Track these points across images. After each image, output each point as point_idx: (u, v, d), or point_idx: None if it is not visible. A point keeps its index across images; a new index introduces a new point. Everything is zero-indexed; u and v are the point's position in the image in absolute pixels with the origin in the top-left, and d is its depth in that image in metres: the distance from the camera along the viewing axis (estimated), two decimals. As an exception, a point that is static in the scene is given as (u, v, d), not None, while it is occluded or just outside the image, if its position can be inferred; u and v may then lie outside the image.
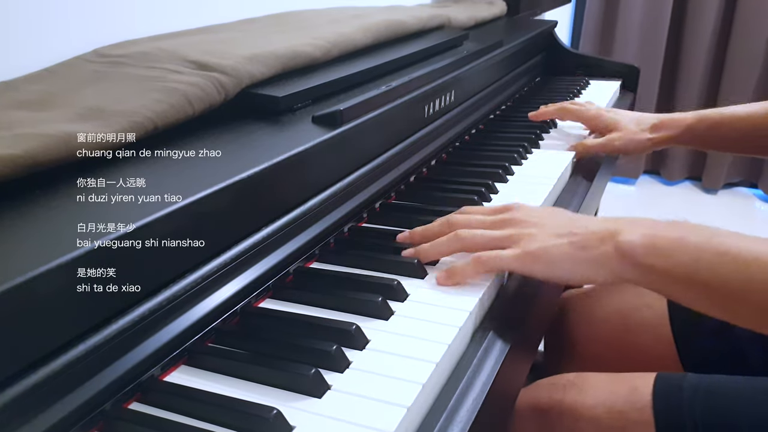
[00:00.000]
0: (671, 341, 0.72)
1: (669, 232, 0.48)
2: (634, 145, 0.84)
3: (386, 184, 0.66)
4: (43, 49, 0.58)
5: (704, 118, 0.81)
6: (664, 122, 0.84)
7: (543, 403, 0.62)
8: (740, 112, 0.80)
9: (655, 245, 0.47)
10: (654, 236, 0.47)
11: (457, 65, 0.82)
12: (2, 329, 0.31)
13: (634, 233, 0.48)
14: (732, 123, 0.80)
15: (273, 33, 0.73)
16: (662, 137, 0.83)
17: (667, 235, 0.47)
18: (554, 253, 0.49)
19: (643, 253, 0.47)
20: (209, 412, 0.37)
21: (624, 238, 0.48)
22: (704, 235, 0.46)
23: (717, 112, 0.81)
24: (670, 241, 0.47)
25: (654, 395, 0.57)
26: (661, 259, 0.47)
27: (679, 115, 0.84)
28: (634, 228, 0.48)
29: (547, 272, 0.50)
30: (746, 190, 2.48)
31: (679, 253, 0.46)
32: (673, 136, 0.83)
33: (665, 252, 0.47)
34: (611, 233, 0.49)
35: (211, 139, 0.50)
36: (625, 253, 0.48)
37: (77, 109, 0.46)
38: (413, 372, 0.40)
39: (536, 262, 0.49)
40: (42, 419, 0.32)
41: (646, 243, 0.47)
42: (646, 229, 0.48)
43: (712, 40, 2.29)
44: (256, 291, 0.48)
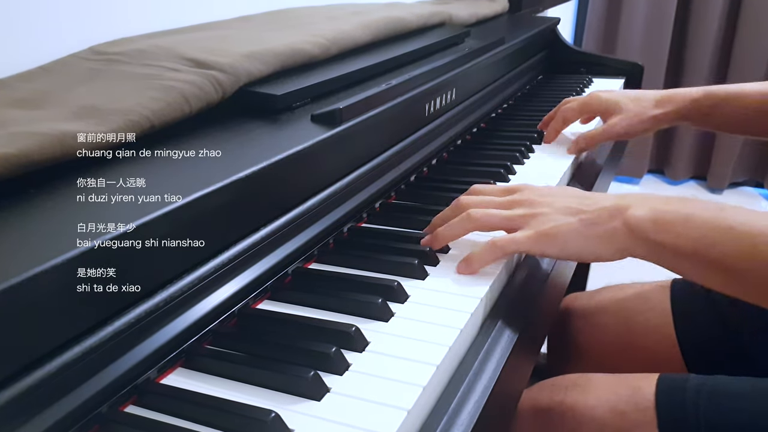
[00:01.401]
0: (675, 343, 0.72)
1: (677, 207, 0.48)
2: (637, 125, 0.80)
3: (386, 183, 0.66)
4: (38, 47, 0.58)
5: (710, 93, 0.79)
6: (668, 97, 0.81)
7: (544, 404, 0.63)
8: (748, 88, 0.77)
9: (663, 220, 0.48)
10: (663, 211, 0.48)
11: (458, 63, 0.82)
12: None
13: (643, 208, 0.49)
14: (740, 99, 0.77)
15: (271, 30, 0.73)
16: (666, 113, 0.80)
17: (675, 210, 0.48)
18: (565, 231, 0.50)
19: (652, 228, 0.48)
20: (207, 415, 0.37)
21: (633, 213, 0.49)
22: (712, 211, 0.47)
23: (725, 88, 0.79)
24: (678, 216, 0.48)
25: (657, 396, 0.57)
26: (669, 235, 0.47)
27: (683, 89, 0.80)
28: (643, 203, 0.49)
29: (560, 251, 0.51)
30: (752, 190, 2.48)
31: (687, 229, 0.47)
32: (678, 110, 0.80)
33: (673, 228, 0.47)
34: (620, 209, 0.50)
35: (209, 139, 0.50)
36: (634, 229, 0.48)
37: (72, 107, 0.46)
38: (414, 374, 0.40)
39: (549, 242, 0.50)
40: (37, 422, 0.32)
41: (655, 218, 0.48)
42: (655, 204, 0.49)
43: (718, 37, 2.30)
44: (255, 292, 0.48)
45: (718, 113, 0.79)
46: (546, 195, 0.54)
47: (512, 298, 0.53)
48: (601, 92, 0.84)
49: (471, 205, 0.55)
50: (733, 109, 0.78)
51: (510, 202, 0.54)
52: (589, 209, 0.51)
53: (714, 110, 0.79)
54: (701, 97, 0.79)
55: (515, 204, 0.54)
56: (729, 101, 0.78)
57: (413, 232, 0.59)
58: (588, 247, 0.50)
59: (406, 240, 0.58)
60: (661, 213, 0.48)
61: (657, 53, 2.34)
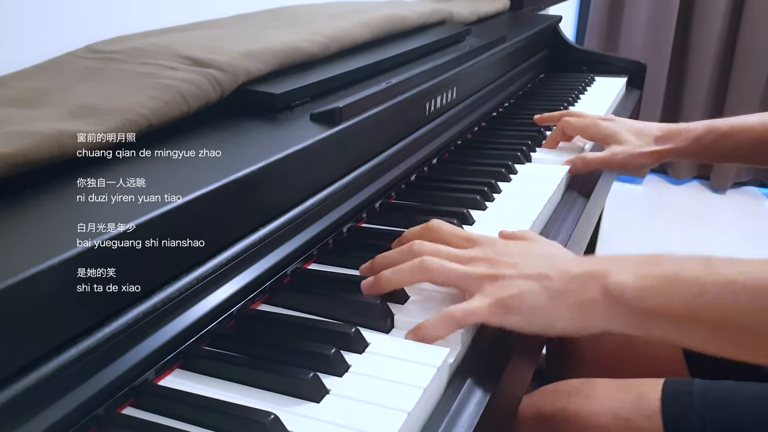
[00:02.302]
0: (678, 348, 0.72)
1: (660, 268, 0.43)
2: (637, 159, 0.79)
3: (386, 183, 0.66)
4: (34, 45, 0.58)
5: (712, 128, 0.78)
6: (670, 134, 0.80)
7: (546, 410, 0.62)
8: (750, 121, 0.77)
9: (649, 284, 0.42)
10: (646, 275, 0.43)
11: (459, 61, 0.82)
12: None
13: (624, 273, 0.43)
14: (742, 133, 0.77)
15: (270, 28, 0.73)
16: (668, 150, 0.79)
17: (659, 273, 0.43)
18: (528, 302, 0.44)
19: (638, 295, 0.42)
20: (205, 416, 0.37)
21: (614, 279, 0.43)
22: (700, 266, 0.42)
23: (725, 123, 0.78)
24: (664, 278, 0.43)
25: (663, 402, 0.57)
26: (658, 300, 0.42)
27: (685, 125, 0.80)
28: (622, 267, 0.44)
29: (523, 324, 0.45)
30: (755, 190, 2.48)
31: (678, 291, 0.42)
32: (680, 148, 0.79)
33: (662, 291, 0.42)
34: (595, 275, 0.44)
35: (208, 138, 0.50)
36: (616, 298, 0.43)
37: (70, 106, 0.46)
38: (414, 376, 0.40)
39: (510, 314, 0.45)
40: (34, 424, 0.32)
41: (639, 283, 0.43)
42: (635, 268, 0.44)
43: (721, 35, 2.30)
44: (253, 293, 0.48)
45: (719, 147, 0.79)
46: (509, 254, 0.48)
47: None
48: (601, 121, 0.83)
49: (425, 252, 0.48)
50: (734, 143, 0.78)
51: (469, 257, 0.48)
52: (556, 276, 0.45)
53: (715, 145, 0.78)
54: (703, 134, 0.79)
55: (474, 260, 0.48)
56: (732, 135, 0.78)
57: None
58: (557, 321, 0.44)
59: (407, 240, 0.58)
60: (645, 276, 0.43)
61: (660, 51, 2.34)
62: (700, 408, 0.55)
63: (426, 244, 0.49)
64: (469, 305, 0.45)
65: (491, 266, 0.47)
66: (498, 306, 0.45)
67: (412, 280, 0.48)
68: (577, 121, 0.84)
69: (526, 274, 0.45)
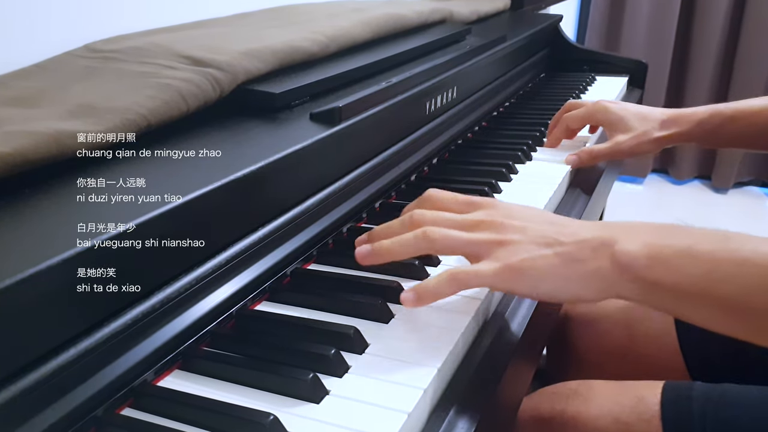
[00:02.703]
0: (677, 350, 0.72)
1: (674, 239, 0.42)
2: (643, 146, 0.79)
3: (386, 183, 0.66)
4: (33, 44, 0.58)
5: (716, 112, 0.78)
6: (674, 118, 0.80)
7: (545, 413, 0.62)
8: (755, 105, 0.77)
9: (659, 256, 0.41)
10: (657, 245, 0.42)
11: (460, 61, 0.82)
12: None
13: (634, 242, 0.42)
14: (747, 117, 0.77)
15: (269, 27, 0.73)
16: (672, 134, 0.79)
17: (672, 244, 0.42)
18: (540, 267, 0.43)
19: (647, 265, 0.41)
20: (204, 417, 0.37)
21: (622, 247, 0.42)
22: (715, 242, 0.41)
23: (730, 106, 0.78)
24: (676, 250, 0.41)
25: (662, 405, 0.57)
26: (668, 272, 0.41)
27: (689, 110, 0.80)
28: (633, 236, 0.43)
29: (531, 290, 0.44)
30: (757, 189, 2.48)
31: (689, 265, 0.40)
32: (684, 133, 0.79)
33: (672, 263, 0.41)
34: (606, 242, 0.43)
35: (207, 138, 0.50)
36: (624, 266, 0.42)
37: (68, 105, 0.46)
38: (414, 377, 0.40)
39: (519, 279, 0.43)
40: (32, 425, 0.32)
41: (650, 253, 0.41)
42: (647, 237, 0.42)
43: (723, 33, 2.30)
44: (253, 293, 0.48)
45: (724, 132, 0.78)
46: (516, 217, 0.46)
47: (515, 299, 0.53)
48: (608, 103, 0.82)
49: (427, 222, 0.46)
50: (739, 127, 0.77)
51: (473, 222, 0.46)
52: (568, 241, 0.44)
53: (720, 129, 0.78)
54: (707, 118, 0.78)
55: (480, 225, 0.46)
56: (735, 120, 0.77)
57: (414, 233, 0.59)
58: (566, 287, 0.43)
59: (407, 240, 0.58)
60: (657, 247, 0.42)
61: (661, 51, 2.34)
62: (700, 412, 0.55)
63: (427, 213, 0.47)
64: (474, 268, 0.44)
65: (498, 231, 0.45)
66: (506, 270, 0.43)
67: (415, 251, 0.46)
68: (580, 112, 0.83)
69: (537, 239, 0.44)
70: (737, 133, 0.78)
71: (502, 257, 0.44)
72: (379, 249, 0.46)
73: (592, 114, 0.83)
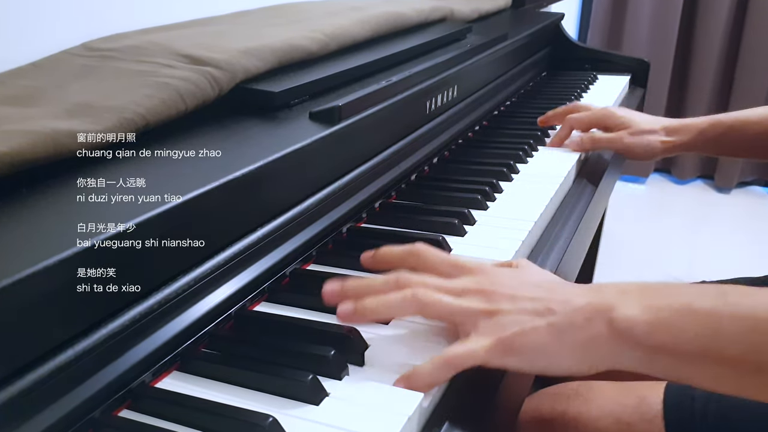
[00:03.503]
0: None
1: (670, 298, 0.40)
2: (645, 146, 0.82)
3: (386, 182, 0.66)
4: (30, 43, 0.58)
5: (717, 122, 0.81)
6: (677, 127, 0.83)
7: (546, 414, 0.62)
8: (754, 115, 0.80)
9: (659, 318, 0.39)
10: (655, 307, 0.40)
11: (460, 59, 0.82)
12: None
13: (632, 306, 0.40)
14: (745, 126, 0.80)
15: (268, 26, 0.73)
16: (674, 142, 0.82)
17: (670, 304, 0.40)
18: (532, 341, 0.41)
19: (648, 330, 0.39)
20: (202, 419, 0.37)
21: (621, 313, 0.40)
22: (712, 297, 0.40)
23: (730, 116, 0.81)
24: (676, 311, 0.40)
25: (665, 405, 0.57)
26: (670, 336, 0.39)
27: (691, 120, 0.84)
28: (629, 299, 0.41)
29: (525, 364, 0.42)
30: (761, 189, 2.48)
31: (692, 325, 0.39)
32: (686, 142, 0.82)
33: (674, 325, 0.39)
34: (600, 309, 0.41)
35: (206, 137, 0.50)
36: (624, 333, 0.40)
37: (66, 105, 0.46)
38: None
39: (512, 355, 0.41)
40: (29, 427, 0.32)
41: (650, 318, 0.40)
42: (643, 299, 0.41)
43: (725, 33, 2.30)
44: (252, 294, 0.48)
45: (724, 141, 0.81)
46: (504, 284, 0.44)
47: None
48: (615, 108, 0.86)
49: (414, 284, 0.44)
50: (738, 137, 0.80)
51: (461, 290, 0.44)
52: (559, 309, 0.42)
53: (721, 138, 0.81)
54: (707, 128, 0.81)
55: (468, 292, 0.44)
56: (735, 129, 0.80)
57: (414, 233, 0.59)
58: (561, 361, 0.41)
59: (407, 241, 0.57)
60: (655, 309, 0.40)
61: (664, 49, 2.34)
62: (702, 412, 0.55)
63: (414, 276, 0.45)
64: (466, 348, 0.41)
65: (487, 299, 0.43)
66: (499, 346, 0.41)
67: (401, 312, 0.45)
68: (585, 115, 0.86)
69: (527, 309, 0.42)
70: (736, 142, 0.81)
71: (490, 331, 0.42)
72: (363, 309, 0.44)
73: (599, 118, 0.86)
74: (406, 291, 0.43)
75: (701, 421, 0.55)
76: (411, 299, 0.43)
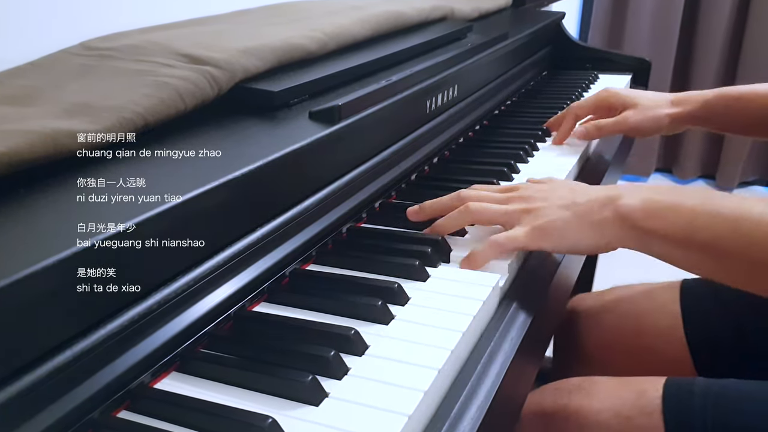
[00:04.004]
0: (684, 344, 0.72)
1: (666, 196, 0.51)
2: (650, 122, 0.81)
3: (386, 182, 0.66)
4: (28, 42, 0.58)
5: (724, 94, 0.81)
6: (682, 98, 0.83)
7: (548, 407, 0.63)
8: (762, 89, 0.79)
9: (653, 208, 0.51)
10: (652, 200, 0.51)
11: (461, 59, 0.82)
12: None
13: (634, 197, 0.51)
14: (753, 99, 0.79)
15: (268, 25, 0.73)
16: (680, 113, 0.81)
17: (663, 199, 0.51)
18: (560, 224, 0.53)
19: (642, 216, 0.51)
20: (201, 420, 0.37)
21: (624, 202, 0.51)
22: (699, 198, 0.50)
23: (737, 89, 0.81)
24: (666, 204, 0.51)
25: (664, 400, 0.57)
26: (659, 222, 0.50)
27: (696, 91, 0.83)
28: (634, 192, 0.52)
29: (555, 245, 0.54)
30: (762, 189, 2.48)
31: (676, 216, 0.50)
32: (691, 112, 0.81)
33: (663, 214, 0.50)
34: (611, 198, 0.52)
35: (206, 137, 0.50)
36: (624, 217, 0.51)
37: (64, 104, 0.46)
38: (415, 379, 0.40)
39: (545, 237, 0.53)
40: (27, 428, 0.32)
41: (645, 206, 0.51)
42: (645, 193, 0.52)
43: (728, 31, 2.30)
44: (251, 294, 0.48)
45: (731, 114, 0.80)
46: (542, 190, 0.57)
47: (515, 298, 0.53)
48: (617, 88, 0.86)
49: (470, 198, 0.57)
50: (745, 110, 0.79)
51: (508, 198, 0.57)
52: (581, 201, 0.53)
53: (727, 111, 0.80)
54: (714, 98, 0.81)
55: (512, 200, 0.56)
56: (742, 102, 0.79)
57: (414, 233, 0.59)
58: (582, 239, 0.53)
59: (407, 241, 0.58)
60: (651, 201, 0.51)
61: (665, 48, 2.34)
62: (701, 406, 0.56)
63: (472, 192, 0.59)
64: (510, 233, 0.54)
65: (527, 202, 0.56)
66: (534, 231, 0.53)
67: (461, 222, 0.57)
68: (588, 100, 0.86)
69: (558, 203, 0.54)
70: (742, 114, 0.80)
71: (529, 221, 0.54)
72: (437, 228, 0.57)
73: (602, 99, 0.85)
74: (462, 206, 0.57)
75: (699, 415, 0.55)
76: (465, 211, 0.56)
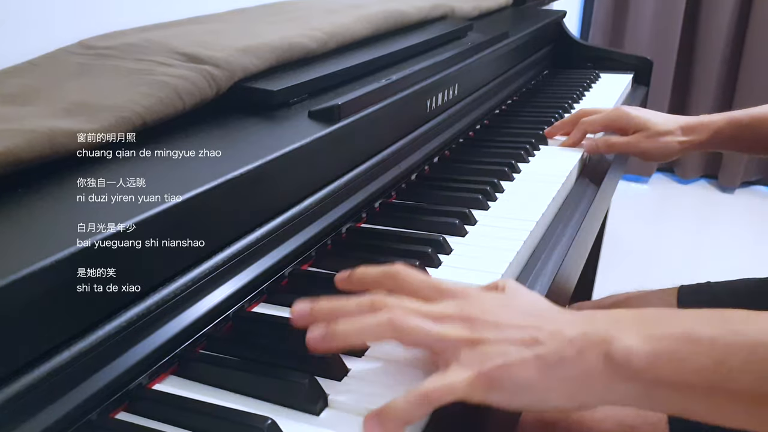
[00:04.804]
0: None
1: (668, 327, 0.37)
2: (662, 149, 0.82)
3: (386, 182, 0.66)
4: (26, 41, 0.58)
5: (734, 120, 0.81)
6: (694, 126, 0.83)
7: (549, 417, 0.62)
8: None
9: (660, 350, 0.36)
10: (655, 337, 0.37)
11: (461, 57, 0.82)
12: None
13: (630, 336, 0.37)
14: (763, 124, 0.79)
15: (267, 24, 0.73)
16: (692, 141, 0.82)
17: (670, 333, 0.37)
18: (517, 375, 0.37)
19: (647, 362, 0.36)
20: (200, 422, 0.37)
21: (617, 345, 0.37)
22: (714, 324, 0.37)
23: (747, 113, 0.81)
24: (676, 340, 0.36)
25: None
26: (672, 367, 0.36)
27: (706, 118, 0.83)
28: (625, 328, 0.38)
29: (509, 400, 0.38)
30: (765, 189, 2.48)
31: (695, 355, 0.36)
32: (703, 141, 0.82)
33: (676, 357, 0.36)
34: (594, 340, 0.37)
35: (205, 136, 0.50)
36: (621, 366, 0.36)
37: (62, 103, 0.46)
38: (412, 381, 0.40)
39: (495, 390, 0.37)
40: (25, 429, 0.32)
41: (649, 349, 0.36)
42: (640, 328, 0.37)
43: (729, 30, 2.30)
44: (250, 295, 0.48)
45: (741, 139, 0.81)
46: (489, 311, 0.40)
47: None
48: (629, 108, 0.85)
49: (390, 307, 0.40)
50: (756, 135, 0.80)
51: (442, 315, 0.40)
52: (548, 340, 0.38)
53: (738, 136, 0.81)
54: (724, 126, 0.81)
55: (449, 318, 0.40)
56: (752, 127, 0.80)
57: (414, 233, 0.59)
58: (547, 396, 0.38)
59: (407, 241, 0.58)
60: (655, 339, 0.36)
61: (666, 47, 2.34)
62: None
63: (391, 299, 0.41)
64: (445, 381, 0.37)
65: (469, 326, 0.39)
66: (481, 380, 0.37)
67: (375, 338, 0.41)
68: (599, 118, 0.86)
69: (513, 338, 0.38)
70: (754, 140, 0.81)
71: (472, 362, 0.38)
72: (334, 334, 0.39)
73: (613, 119, 0.85)
74: (381, 314, 0.39)
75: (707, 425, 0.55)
76: (386, 324, 0.39)
